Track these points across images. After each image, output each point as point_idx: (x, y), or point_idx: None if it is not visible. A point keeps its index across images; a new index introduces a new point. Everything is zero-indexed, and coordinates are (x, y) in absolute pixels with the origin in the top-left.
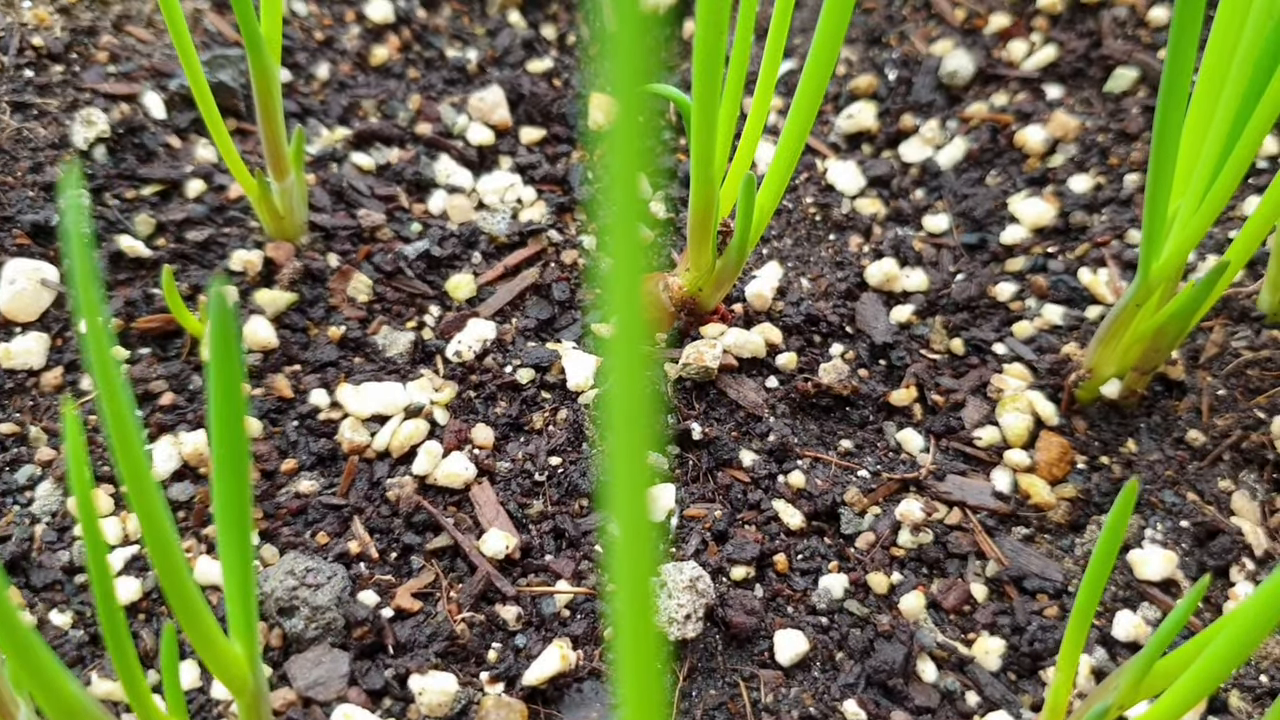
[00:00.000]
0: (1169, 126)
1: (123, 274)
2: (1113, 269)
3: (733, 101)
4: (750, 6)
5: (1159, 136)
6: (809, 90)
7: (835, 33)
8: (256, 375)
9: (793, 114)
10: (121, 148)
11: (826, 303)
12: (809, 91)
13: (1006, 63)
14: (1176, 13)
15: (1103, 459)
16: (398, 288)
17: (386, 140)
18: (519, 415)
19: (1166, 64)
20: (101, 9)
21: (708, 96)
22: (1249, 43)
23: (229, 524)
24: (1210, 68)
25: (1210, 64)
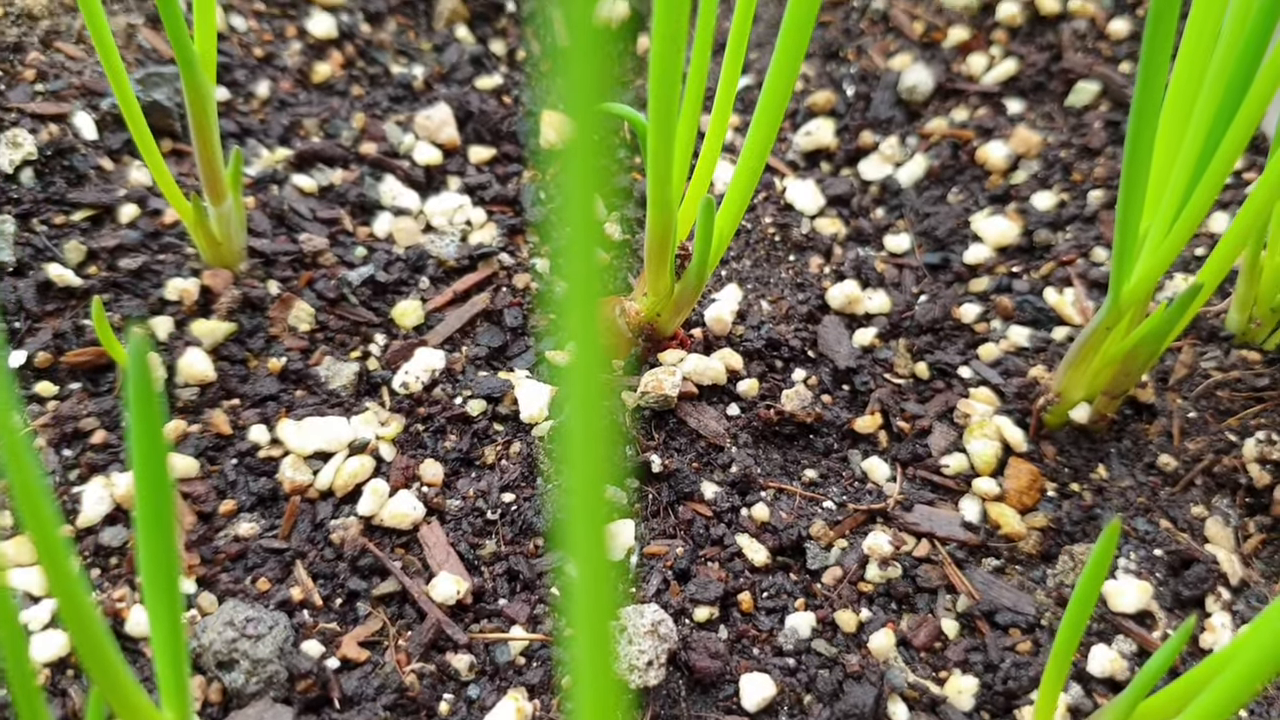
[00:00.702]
0: (1140, 148)
1: (51, 305)
2: (1079, 288)
3: (690, 120)
4: (708, 22)
5: (1130, 157)
6: (768, 110)
7: (795, 52)
8: (194, 410)
9: (752, 134)
10: (50, 170)
11: (788, 326)
12: (768, 111)
13: (966, 77)
14: (1148, 33)
15: (1073, 486)
16: (341, 315)
17: (329, 161)
18: (470, 449)
19: (1138, 84)
20: (29, 24)
21: (664, 117)
22: (1220, 62)
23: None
24: (1180, 86)
25: (1180, 82)
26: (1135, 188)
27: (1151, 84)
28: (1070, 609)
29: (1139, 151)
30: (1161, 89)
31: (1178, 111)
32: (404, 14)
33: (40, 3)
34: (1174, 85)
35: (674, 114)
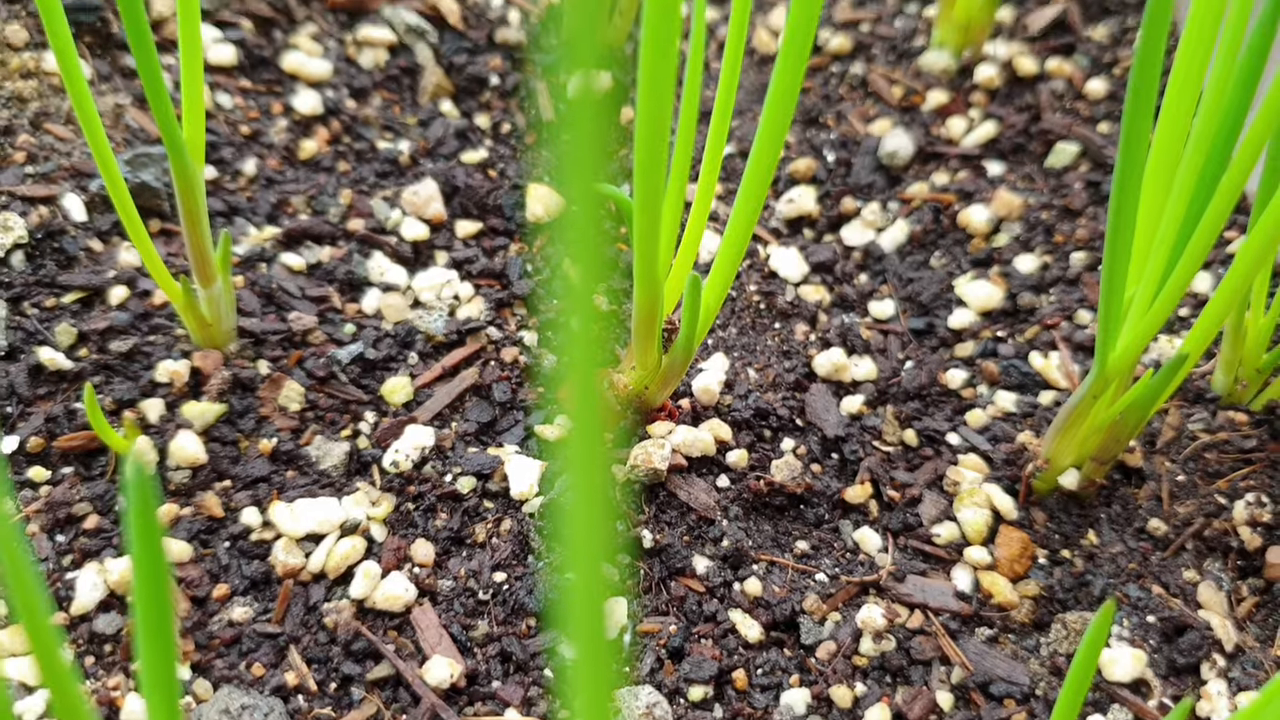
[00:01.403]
0: (1123, 218)
1: (43, 388)
2: (1064, 352)
3: (677, 194)
4: (693, 95)
5: (1113, 227)
6: (753, 186)
7: (779, 128)
8: (186, 493)
9: (737, 209)
10: (41, 253)
11: (775, 394)
12: (753, 187)
13: (946, 140)
14: (1128, 105)
15: (1064, 552)
16: (331, 394)
17: (317, 238)
18: (460, 528)
19: (1119, 155)
20: (19, 107)
21: (650, 200)
22: (1200, 133)
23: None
24: (1161, 155)
25: (1161, 151)
26: (1119, 257)
27: (1133, 155)
28: (1066, 687)
29: (1122, 222)
30: (1143, 161)
31: (1159, 180)
32: (389, 89)
33: (30, 85)
34: (1155, 153)
35: (660, 196)
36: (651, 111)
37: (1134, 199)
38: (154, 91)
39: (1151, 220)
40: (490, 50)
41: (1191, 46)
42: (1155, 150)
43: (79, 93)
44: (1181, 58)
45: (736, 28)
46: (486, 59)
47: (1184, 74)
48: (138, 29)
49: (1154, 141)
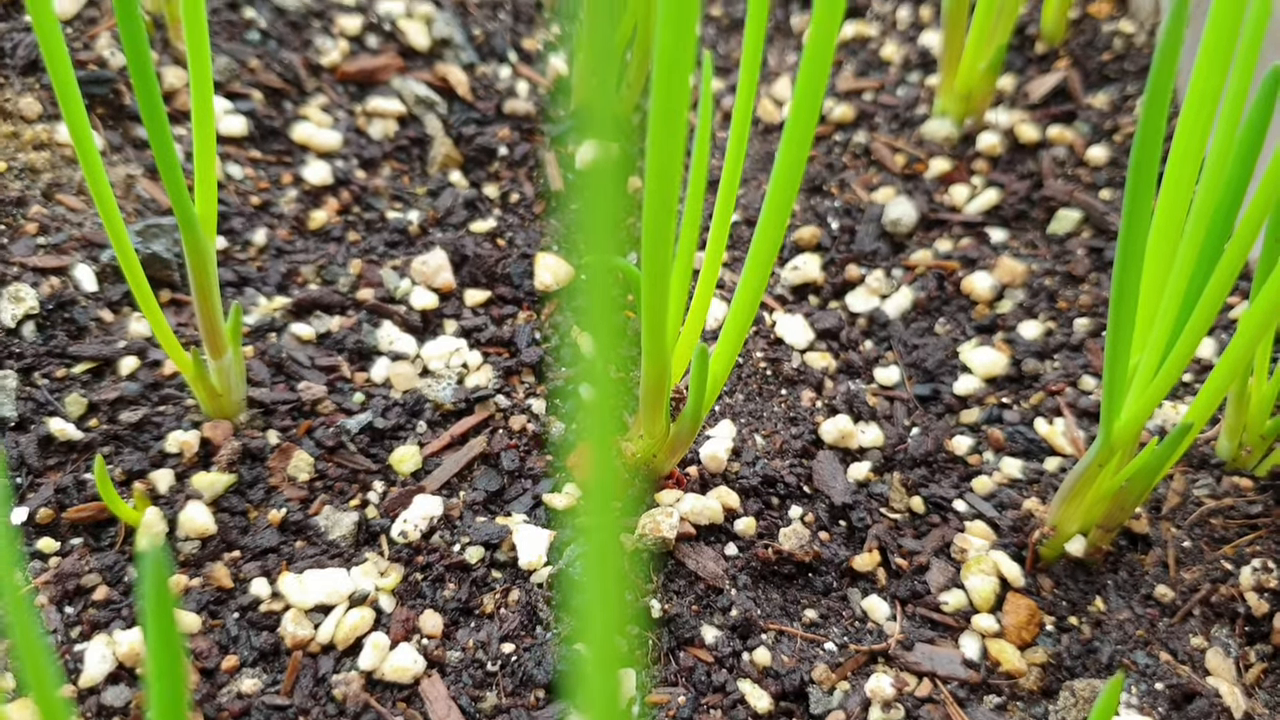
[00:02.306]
0: (1126, 290)
1: (53, 459)
2: (1069, 418)
3: (685, 264)
4: (701, 167)
5: (1116, 299)
6: (759, 258)
7: (783, 205)
8: (195, 564)
9: (744, 282)
10: (51, 324)
11: (782, 461)
12: (759, 259)
13: (949, 207)
14: (1131, 175)
15: (1071, 619)
16: (340, 463)
17: (327, 308)
18: (469, 599)
19: (1122, 228)
20: (32, 178)
21: (658, 276)
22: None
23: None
24: (1163, 226)
25: (1163, 223)
26: (1123, 327)
27: (1135, 229)
28: None
29: (1125, 293)
30: (1145, 235)
31: (1162, 252)
32: (398, 159)
33: (43, 157)
34: (1157, 225)
35: (667, 272)
36: (660, 188)
37: (1137, 271)
38: (167, 167)
39: (1155, 291)
40: (499, 121)
41: (1192, 119)
42: (1157, 222)
43: (91, 165)
44: (1182, 129)
45: (744, 98)
46: (495, 129)
47: (1185, 146)
48: (151, 105)
49: (1156, 213)
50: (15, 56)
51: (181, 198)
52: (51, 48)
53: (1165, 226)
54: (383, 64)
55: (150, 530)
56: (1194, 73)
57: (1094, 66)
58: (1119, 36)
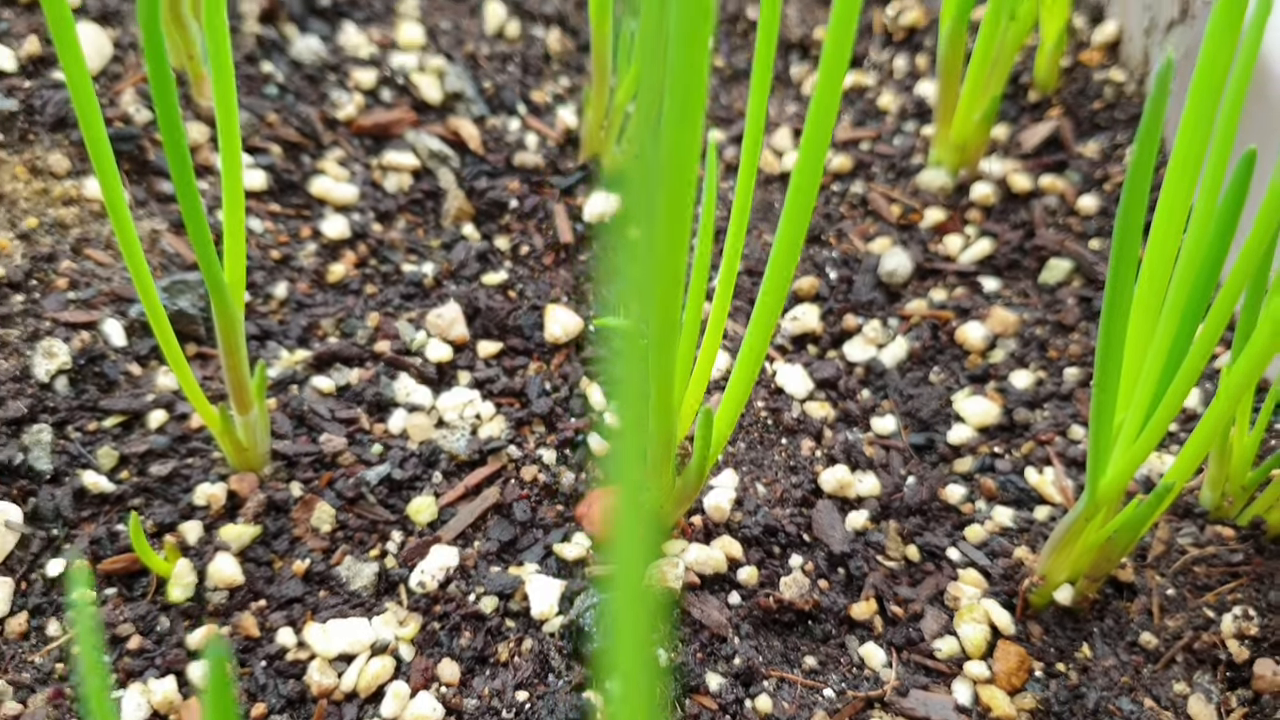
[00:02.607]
0: (1111, 354)
1: (86, 510)
2: (1058, 467)
3: (693, 320)
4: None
5: (1101, 361)
6: (763, 320)
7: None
8: (223, 613)
9: (747, 342)
10: (83, 378)
11: (783, 510)
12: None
13: (943, 257)
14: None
15: (1059, 665)
16: (360, 514)
17: (346, 360)
18: (484, 647)
19: (1105, 303)
20: (61, 233)
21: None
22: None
23: None
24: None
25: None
26: (1107, 390)
27: (1118, 302)
28: None
29: (1110, 358)
30: (1127, 311)
31: (1146, 315)
32: (413, 212)
33: (71, 212)
34: (1141, 288)
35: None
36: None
37: (1120, 337)
38: (199, 237)
39: (1139, 352)
40: (509, 173)
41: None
42: (1142, 285)
43: (122, 223)
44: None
45: (749, 157)
46: (505, 182)
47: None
48: (186, 184)
49: (1140, 277)
50: (44, 114)
51: (212, 266)
52: (85, 106)
53: (1149, 291)
54: (397, 118)
55: (181, 581)
56: (1176, 139)
57: (1085, 115)
58: (1110, 85)
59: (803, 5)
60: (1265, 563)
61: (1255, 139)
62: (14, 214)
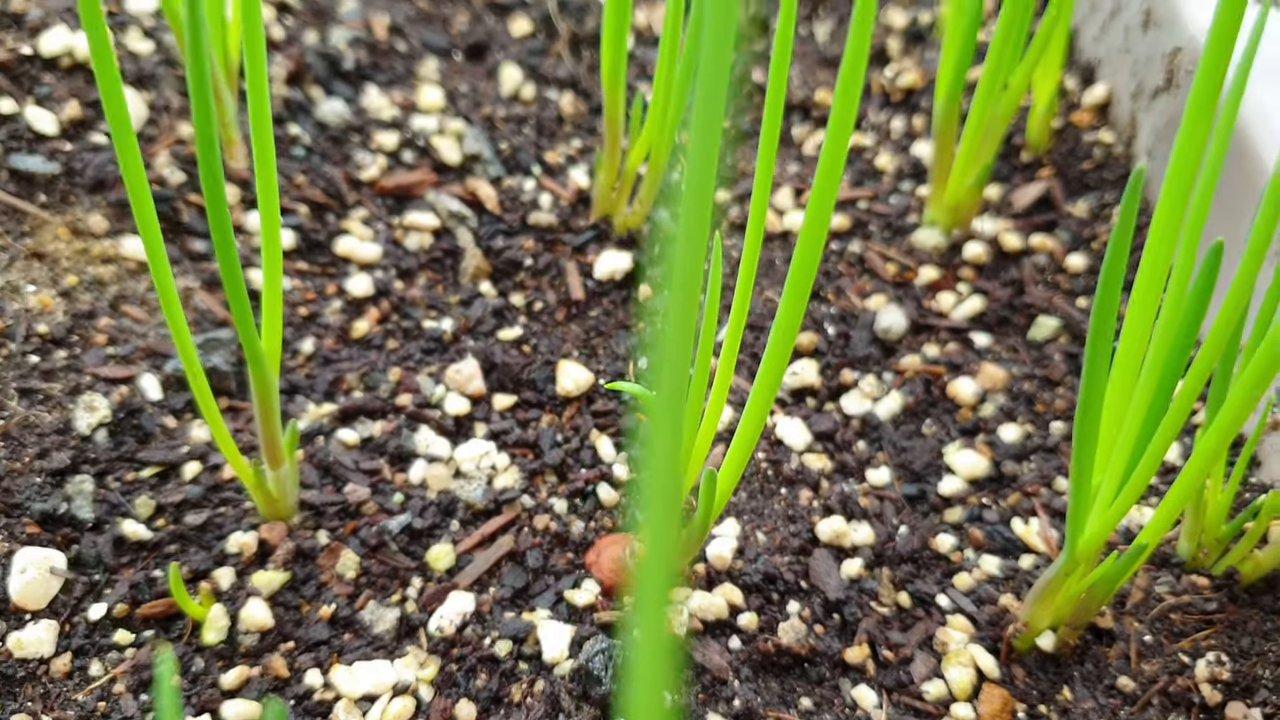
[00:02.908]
0: (1088, 422)
1: (126, 557)
2: (1043, 518)
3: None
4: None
5: (1079, 434)
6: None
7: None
8: (255, 655)
9: (750, 407)
10: (121, 430)
11: (782, 558)
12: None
13: (937, 313)
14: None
15: (1041, 708)
16: (382, 561)
17: (370, 414)
18: (499, 689)
19: (1084, 375)
20: (100, 290)
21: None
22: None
23: None
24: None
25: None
26: (1085, 456)
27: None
28: None
29: (1088, 423)
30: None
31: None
32: (433, 270)
33: (109, 270)
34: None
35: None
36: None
37: (1097, 410)
38: (240, 311)
39: (1117, 415)
40: (524, 232)
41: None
42: (1119, 358)
43: (164, 283)
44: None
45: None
46: (520, 240)
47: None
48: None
49: (1118, 351)
50: (84, 176)
51: (251, 337)
52: (131, 170)
53: (1128, 356)
54: (418, 179)
55: (215, 625)
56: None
57: (1075, 175)
58: (1099, 146)
59: (804, 67)
60: (1238, 611)
61: (1232, 207)
62: (56, 272)
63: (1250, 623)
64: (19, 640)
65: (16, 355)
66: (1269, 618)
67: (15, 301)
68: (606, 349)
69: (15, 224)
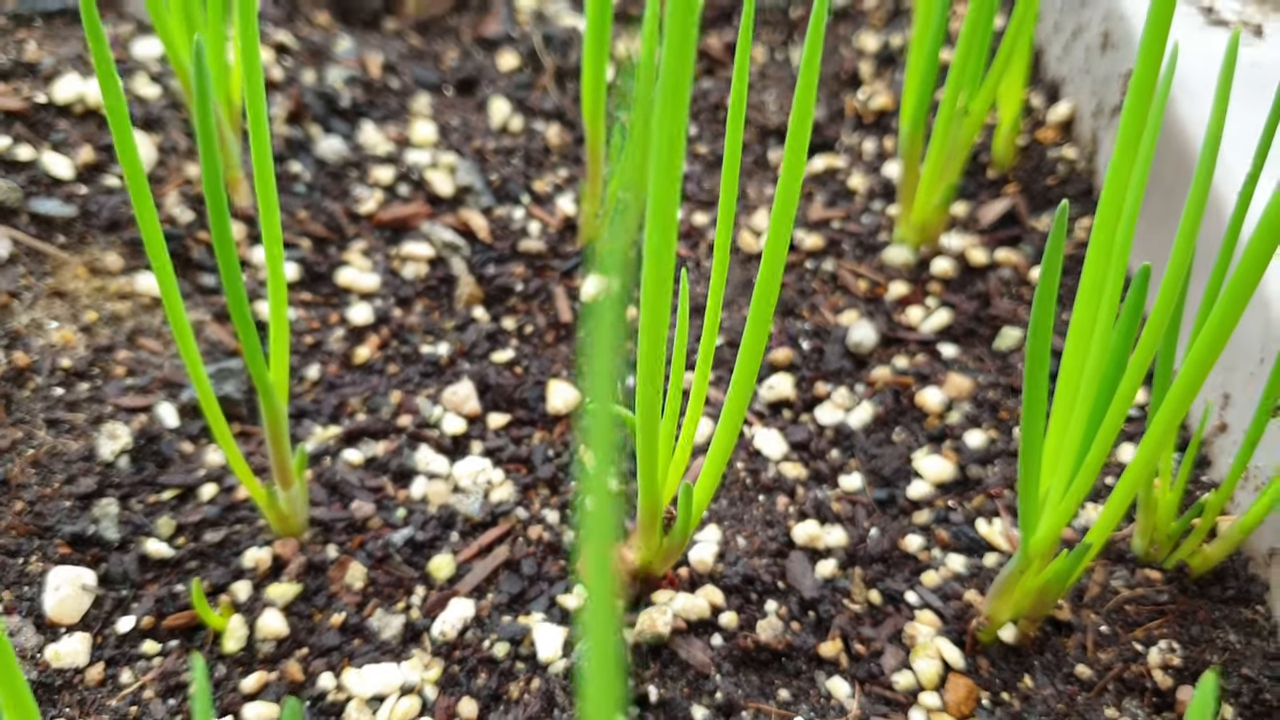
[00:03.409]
0: (1033, 429)
1: (150, 574)
2: (1005, 518)
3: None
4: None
5: (1025, 436)
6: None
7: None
8: (271, 661)
9: (723, 420)
10: (142, 456)
11: (760, 560)
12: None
13: (906, 327)
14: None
15: (1004, 695)
16: (388, 572)
17: (373, 435)
18: (498, 687)
19: (1025, 388)
20: (116, 325)
21: (650, 422)
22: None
23: None
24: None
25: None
26: (1031, 465)
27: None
28: None
29: (1033, 431)
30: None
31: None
32: (429, 297)
33: (125, 305)
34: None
35: (658, 419)
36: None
37: (1040, 414)
38: (250, 346)
39: (1061, 424)
40: (514, 259)
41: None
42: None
43: (178, 317)
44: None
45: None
46: (511, 267)
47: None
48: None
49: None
50: (100, 217)
51: (260, 370)
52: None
53: (1068, 375)
54: (413, 211)
55: (235, 634)
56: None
57: (1039, 190)
58: (1062, 162)
59: (781, 93)
60: (1188, 602)
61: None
62: (76, 309)
63: (1200, 612)
64: (56, 652)
65: (43, 388)
66: (1217, 607)
67: (40, 338)
68: (587, 371)
69: (37, 264)
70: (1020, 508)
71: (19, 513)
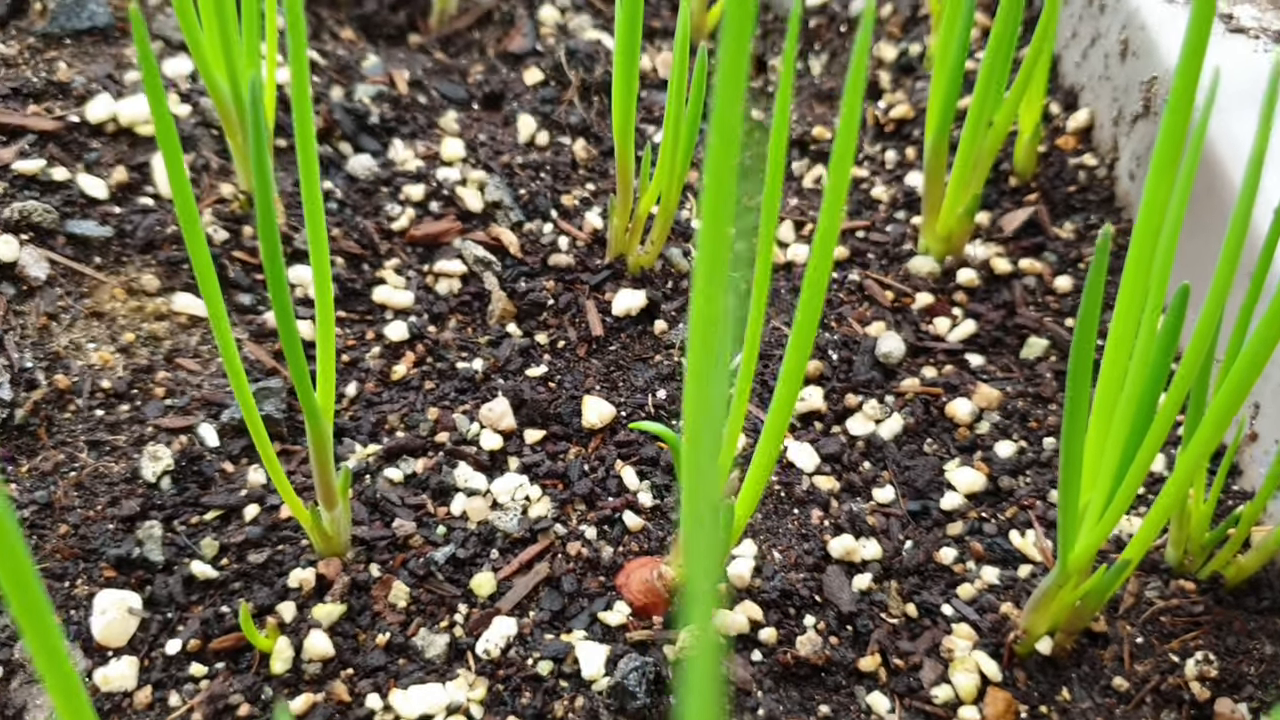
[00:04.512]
0: (1072, 448)
1: (195, 595)
2: (1038, 529)
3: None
4: None
5: (1065, 450)
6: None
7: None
8: (318, 682)
9: (762, 444)
10: (184, 476)
11: (797, 574)
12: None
13: (933, 337)
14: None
15: (1042, 708)
16: (430, 590)
17: (412, 452)
18: (543, 706)
19: (1066, 406)
20: (155, 345)
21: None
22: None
23: None
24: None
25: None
26: (1071, 479)
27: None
28: None
29: (1073, 445)
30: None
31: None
32: (462, 313)
33: (163, 325)
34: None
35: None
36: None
37: (1081, 429)
38: (298, 373)
39: (1101, 434)
40: (545, 273)
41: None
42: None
43: (225, 338)
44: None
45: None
46: (542, 281)
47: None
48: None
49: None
50: (135, 237)
51: (308, 394)
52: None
53: (1107, 388)
54: (445, 228)
55: (281, 656)
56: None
57: (1060, 198)
58: (1083, 170)
59: (800, 102)
60: (1223, 612)
61: (1210, 231)
62: (114, 330)
63: (1235, 623)
64: (105, 676)
65: (84, 410)
66: (1252, 618)
67: (79, 359)
68: (626, 382)
69: (75, 286)
70: (1059, 523)
71: (64, 536)
